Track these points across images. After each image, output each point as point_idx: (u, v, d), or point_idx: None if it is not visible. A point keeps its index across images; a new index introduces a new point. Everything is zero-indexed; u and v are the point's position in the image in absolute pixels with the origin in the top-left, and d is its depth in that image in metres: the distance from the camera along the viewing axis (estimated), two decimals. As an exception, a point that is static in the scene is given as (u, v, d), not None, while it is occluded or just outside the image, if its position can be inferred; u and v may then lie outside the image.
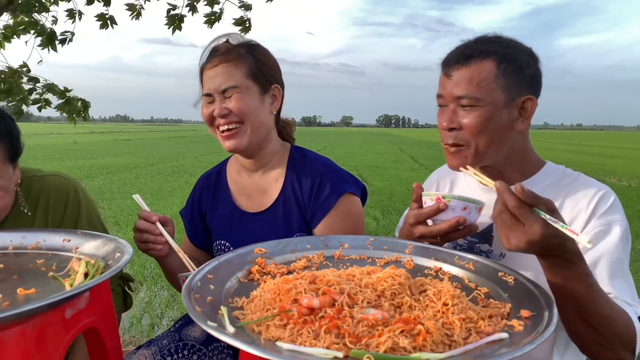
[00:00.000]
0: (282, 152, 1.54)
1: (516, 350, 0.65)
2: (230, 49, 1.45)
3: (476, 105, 1.17)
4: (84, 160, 16.49)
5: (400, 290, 0.79)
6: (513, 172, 1.29)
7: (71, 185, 1.45)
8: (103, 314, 0.97)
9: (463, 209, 1.15)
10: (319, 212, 1.43)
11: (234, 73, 1.42)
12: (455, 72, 1.20)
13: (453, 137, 1.22)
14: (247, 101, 1.41)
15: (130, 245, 1.01)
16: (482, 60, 1.19)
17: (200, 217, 1.63)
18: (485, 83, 1.17)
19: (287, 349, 0.65)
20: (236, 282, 0.93)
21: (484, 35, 1.27)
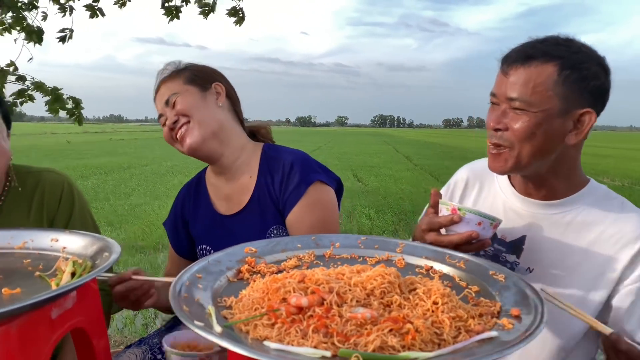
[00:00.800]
0: (254, 151, 1.56)
1: (505, 349, 0.65)
2: (167, 71, 1.54)
3: (527, 110, 1.11)
4: (78, 160, 16.41)
5: (389, 288, 0.79)
6: (559, 186, 1.24)
7: (65, 181, 1.48)
8: (91, 314, 0.96)
9: (477, 224, 1.12)
10: (289, 202, 1.44)
11: (173, 85, 1.50)
12: (512, 71, 1.13)
13: (497, 137, 1.16)
14: (188, 100, 1.46)
15: (119, 245, 1.00)
16: (544, 63, 1.11)
17: (184, 225, 1.66)
18: (542, 88, 1.10)
19: (274, 348, 0.65)
20: (225, 282, 0.93)
21: (553, 37, 1.19)
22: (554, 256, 1.23)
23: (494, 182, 1.37)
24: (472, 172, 1.43)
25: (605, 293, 1.19)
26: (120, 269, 4.88)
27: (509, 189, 1.32)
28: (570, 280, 1.22)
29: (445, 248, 1.10)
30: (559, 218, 1.24)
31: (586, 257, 1.20)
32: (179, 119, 1.46)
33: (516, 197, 1.30)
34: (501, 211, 1.31)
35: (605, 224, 1.20)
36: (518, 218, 1.28)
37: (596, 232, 1.20)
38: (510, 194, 1.31)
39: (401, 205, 8.51)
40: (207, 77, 1.54)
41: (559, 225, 1.24)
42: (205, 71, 1.56)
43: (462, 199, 1.41)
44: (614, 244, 1.18)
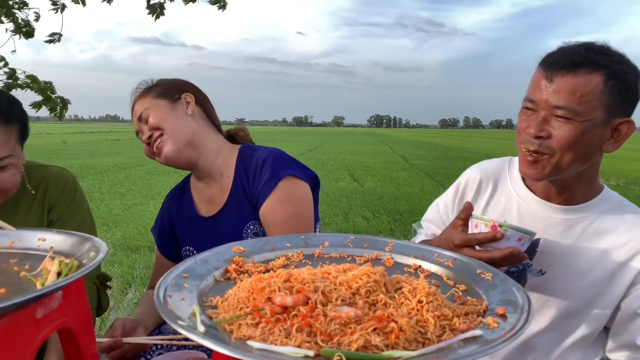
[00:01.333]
0: (230, 153, 1.58)
1: (489, 347, 0.65)
2: (139, 90, 1.59)
3: (572, 119, 1.10)
4: (73, 160, 16.34)
5: (375, 287, 0.78)
6: (579, 192, 1.25)
7: (70, 176, 1.54)
8: (77, 314, 0.95)
9: (518, 240, 1.12)
10: (261, 196, 1.45)
11: (144, 101, 1.54)
12: (558, 79, 1.11)
13: (538, 144, 1.14)
14: (158, 113, 1.50)
15: (106, 244, 0.99)
16: (591, 73, 1.10)
17: (170, 229, 1.69)
18: (589, 98, 1.09)
19: (257, 347, 0.64)
20: (212, 282, 0.92)
21: (591, 43, 1.17)
22: (566, 260, 1.25)
23: (507, 184, 1.36)
24: (484, 173, 1.41)
25: (617, 297, 1.22)
26: (116, 270, 4.87)
27: (525, 192, 1.32)
28: (581, 284, 1.24)
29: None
30: (574, 223, 1.25)
31: (599, 262, 1.22)
32: (152, 133, 1.50)
33: (534, 200, 1.30)
34: (515, 213, 1.32)
35: (619, 231, 1.21)
36: (533, 220, 1.28)
37: (610, 239, 1.22)
38: (526, 197, 1.31)
39: (397, 205, 8.51)
40: (175, 88, 1.57)
41: (573, 230, 1.25)
42: (173, 84, 1.59)
43: (475, 200, 1.40)
44: (627, 251, 1.20)
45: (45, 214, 1.46)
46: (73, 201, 1.50)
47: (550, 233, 1.26)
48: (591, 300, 1.23)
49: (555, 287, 1.26)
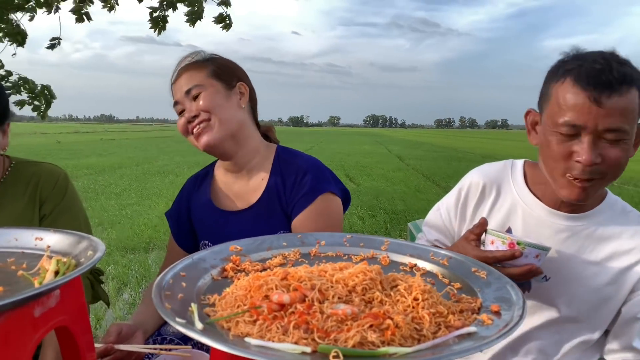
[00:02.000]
0: (267, 152, 1.55)
1: (483, 343, 0.66)
2: (190, 62, 1.51)
3: (623, 139, 1.08)
4: (68, 160, 16.28)
5: (371, 285, 0.79)
6: (590, 200, 1.25)
7: (62, 173, 1.54)
8: (75, 313, 0.96)
9: (535, 257, 1.11)
10: (297, 207, 1.43)
11: (196, 75, 1.47)
12: (607, 100, 1.05)
13: (592, 172, 1.10)
14: (212, 97, 1.44)
15: (103, 243, 0.99)
16: (630, 89, 1.07)
17: (188, 217, 1.64)
18: (633, 115, 1.08)
19: (255, 344, 0.65)
20: (209, 280, 0.93)
21: (605, 53, 1.14)
22: (571, 266, 1.26)
23: (510, 189, 1.35)
24: (488, 179, 1.39)
25: (619, 303, 1.24)
26: (111, 270, 4.85)
27: (530, 197, 1.31)
28: (585, 290, 1.25)
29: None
30: (580, 230, 1.26)
31: (603, 268, 1.24)
32: (199, 114, 1.43)
33: (539, 206, 1.29)
34: (520, 219, 1.32)
35: (622, 238, 1.23)
36: (538, 227, 1.29)
37: (614, 245, 1.23)
38: (531, 203, 1.31)
39: (393, 205, 8.54)
40: (233, 73, 1.52)
41: (578, 237, 1.26)
42: (230, 67, 1.53)
43: (478, 206, 1.40)
44: (630, 258, 1.21)
45: (37, 209, 1.46)
46: (65, 197, 1.50)
47: (555, 240, 1.27)
48: (594, 306, 1.25)
49: (558, 293, 1.27)
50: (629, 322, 1.22)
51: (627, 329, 1.22)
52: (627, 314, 1.22)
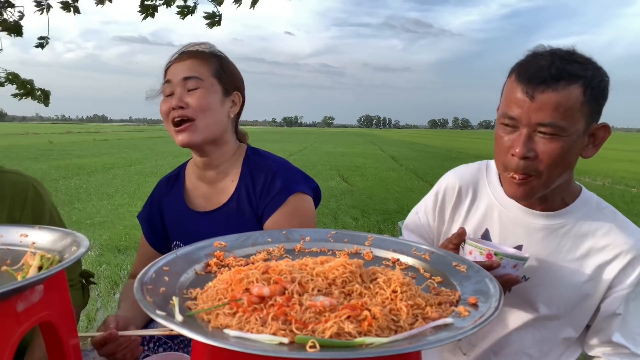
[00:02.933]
0: (238, 153, 1.56)
1: (458, 334, 0.67)
2: (199, 51, 1.49)
3: (559, 135, 1.08)
4: (60, 160, 16.18)
5: (351, 278, 0.80)
6: (558, 197, 1.26)
7: (30, 184, 1.41)
8: (59, 308, 0.96)
9: (513, 267, 1.13)
10: (268, 209, 1.45)
11: (200, 68, 1.45)
12: (539, 95, 1.07)
13: (524, 167, 1.12)
14: (207, 97, 1.42)
15: (87, 239, 1.00)
16: (570, 85, 1.07)
17: (160, 218, 1.64)
18: (572, 111, 1.07)
19: (234, 335, 0.66)
20: (193, 275, 0.94)
21: (562, 51, 1.14)
22: (549, 265, 1.27)
23: (486, 191, 1.36)
24: (464, 181, 1.40)
25: (597, 299, 1.25)
26: (104, 270, 4.83)
27: (505, 197, 1.31)
28: (564, 288, 1.26)
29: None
30: (556, 229, 1.26)
31: (580, 266, 1.24)
32: (187, 109, 1.40)
33: (515, 206, 1.30)
34: (496, 220, 1.32)
35: (599, 235, 1.23)
36: (515, 227, 1.30)
37: (590, 243, 1.24)
38: (507, 204, 1.31)
39: (386, 205, 8.56)
40: (233, 81, 1.51)
41: (555, 235, 1.26)
42: (233, 73, 1.53)
43: (456, 208, 1.41)
44: (607, 254, 1.22)
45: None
46: (43, 208, 1.40)
47: (532, 239, 1.28)
48: (573, 303, 1.26)
49: (538, 292, 1.28)
50: (608, 318, 1.23)
51: (607, 324, 1.24)
52: (606, 310, 1.23)
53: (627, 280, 1.20)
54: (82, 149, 23.51)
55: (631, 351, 1.22)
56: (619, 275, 1.21)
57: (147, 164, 15.75)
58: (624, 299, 1.21)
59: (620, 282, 1.21)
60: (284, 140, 40.06)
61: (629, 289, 1.20)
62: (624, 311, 1.21)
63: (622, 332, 1.22)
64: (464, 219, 1.38)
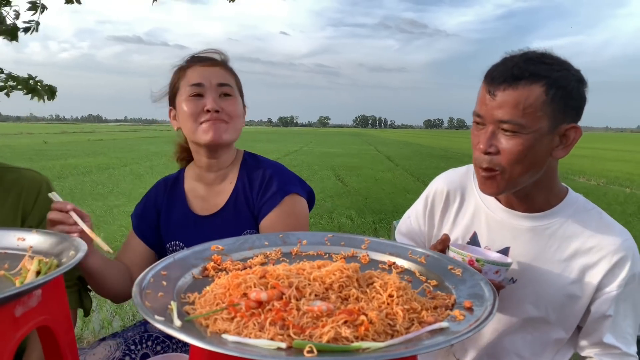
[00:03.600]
0: (237, 157, 1.62)
1: (453, 338, 0.68)
2: (224, 60, 1.57)
3: (519, 132, 1.11)
4: (55, 160, 16.11)
5: (347, 282, 0.81)
6: (540, 198, 1.27)
7: (44, 181, 1.49)
8: (56, 312, 0.97)
9: (495, 272, 1.14)
10: (265, 209, 1.49)
11: (230, 77, 1.54)
12: (500, 93, 1.12)
13: (488, 161, 1.16)
14: (238, 106, 1.52)
15: (85, 244, 1.00)
16: (531, 84, 1.10)
17: (156, 213, 1.65)
18: (532, 110, 1.10)
19: (232, 341, 0.67)
20: (190, 279, 0.94)
21: (532, 53, 1.18)
22: (536, 267, 1.28)
23: (473, 194, 1.38)
24: (452, 185, 1.43)
25: (586, 300, 1.25)
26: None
27: (492, 201, 1.34)
28: (552, 289, 1.27)
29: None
30: (542, 230, 1.28)
31: (567, 267, 1.25)
32: (221, 113, 1.46)
33: (500, 209, 1.32)
34: (483, 223, 1.34)
35: (585, 236, 1.24)
36: (502, 230, 1.31)
37: (577, 244, 1.25)
38: (493, 206, 1.33)
39: (382, 205, 8.57)
40: (242, 94, 1.61)
41: (541, 237, 1.27)
42: (241, 86, 1.62)
43: (444, 212, 1.43)
44: (594, 255, 1.23)
45: (19, 220, 1.41)
46: (49, 208, 1.37)
47: (519, 241, 1.29)
48: (562, 305, 1.27)
49: (526, 294, 1.29)
50: (599, 319, 1.24)
51: (598, 326, 1.25)
52: (596, 312, 1.24)
53: (615, 281, 1.21)
54: (76, 149, 23.41)
55: (622, 351, 1.23)
56: (607, 276, 1.22)
57: (142, 164, 15.70)
58: (613, 300, 1.22)
59: (609, 283, 1.22)
60: (280, 140, 40.06)
61: (618, 290, 1.21)
62: (614, 312, 1.22)
63: (613, 332, 1.24)
64: (453, 222, 1.41)
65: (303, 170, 13.88)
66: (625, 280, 1.21)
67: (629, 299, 1.23)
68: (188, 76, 1.50)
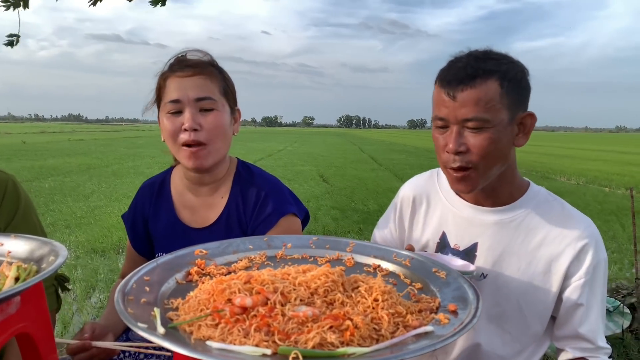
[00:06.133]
0: (231, 168, 1.54)
1: (438, 342, 0.68)
2: (203, 63, 1.42)
3: (484, 127, 1.16)
4: (33, 161, 15.81)
5: (333, 287, 0.81)
6: (504, 191, 1.31)
7: (10, 180, 1.41)
8: (36, 319, 0.95)
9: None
10: (259, 230, 1.45)
11: (210, 86, 1.40)
12: (459, 94, 1.17)
13: (460, 160, 1.20)
14: (222, 120, 1.41)
15: (65, 248, 0.98)
16: (486, 80, 1.16)
17: (143, 223, 1.61)
18: (492, 104, 1.16)
19: (216, 347, 0.66)
20: (174, 284, 0.93)
21: (475, 52, 1.25)
22: (504, 260, 1.31)
23: (439, 196, 1.43)
24: (417, 190, 1.48)
25: (555, 289, 1.28)
26: (79, 273, 4.73)
27: (457, 199, 1.38)
28: (521, 281, 1.30)
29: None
30: (507, 223, 1.31)
31: (534, 258, 1.29)
32: (200, 132, 1.36)
33: (466, 206, 1.36)
34: (451, 223, 1.38)
35: (549, 226, 1.28)
36: (469, 226, 1.35)
37: (541, 234, 1.28)
38: (459, 204, 1.37)
39: (366, 206, 8.60)
40: (234, 95, 1.48)
41: (507, 229, 1.31)
42: (233, 86, 1.49)
43: (413, 217, 1.47)
44: (559, 243, 1.26)
45: None
46: (18, 209, 1.38)
47: (486, 236, 1.32)
48: (532, 296, 1.30)
49: (497, 288, 1.32)
50: (571, 309, 1.27)
51: (571, 315, 1.28)
52: (568, 301, 1.27)
53: (581, 268, 1.25)
54: (56, 149, 23.00)
55: (595, 345, 1.27)
56: (573, 264, 1.25)
57: (125, 164, 15.51)
58: (583, 288, 1.25)
59: (576, 271, 1.25)
60: (264, 140, 39.92)
61: (586, 277, 1.25)
62: (585, 301, 1.25)
63: (586, 323, 1.27)
64: (423, 225, 1.44)
65: (287, 171, 13.86)
66: (592, 267, 1.24)
67: (597, 288, 1.26)
68: (167, 88, 1.41)
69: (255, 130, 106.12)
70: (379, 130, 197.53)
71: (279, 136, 56.25)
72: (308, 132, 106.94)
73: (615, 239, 6.38)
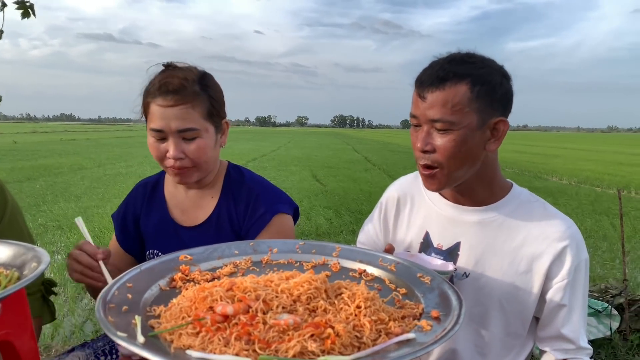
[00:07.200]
0: (220, 170, 1.56)
1: (419, 349, 0.68)
2: (185, 87, 1.37)
3: (450, 129, 1.18)
4: (25, 161, 15.69)
5: (315, 294, 0.81)
6: (484, 191, 1.32)
7: None
8: (18, 327, 0.94)
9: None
10: (253, 230, 1.46)
11: (192, 115, 1.37)
12: (429, 95, 1.19)
13: (427, 158, 1.23)
14: (206, 147, 1.40)
15: (48, 254, 0.97)
16: (456, 84, 1.18)
17: (134, 221, 1.61)
18: (460, 107, 1.17)
19: (196, 357, 0.66)
20: (157, 290, 0.93)
21: (456, 54, 1.26)
22: (486, 259, 1.32)
23: (423, 196, 1.44)
24: (402, 190, 1.50)
25: (537, 289, 1.29)
26: (66, 274, 4.68)
27: (439, 199, 1.40)
28: (503, 280, 1.30)
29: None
30: (489, 222, 1.32)
31: (516, 257, 1.29)
32: (184, 159, 1.38)
33: (448, 205, 1.37)
34: (435, 222, 1.39)
35: (530, 226, 1.29)
36: (451, 226, 1.36)
37: (523, 233, 1.30)
38: (441, 204, 1.39)
39: (359, 206, 8.60)
40: (221, 109, 1.46)
41: (489, 229, 1.32)
42: (220, 99, 1.47)
43: (397, 217, 1.48)
44: (540, 243, 1.27)
45: None
46: (4, 214, 1.35)
47: (468, 235, 1.34)
48: (514, 296, 1.31)
49: (479, 287, 1.32)
50: (554, 309, 1.28)
51: (554, 316, 1.29)
52: (551, 302, 1.28)
53: (563, 269, 1.26)
54: (48, 149, 22.84)
55: (577, 345, 1.27)
56: (554, 264, 1.26)
57: (117, 164, 15.42)
58: (565, 289, 1.26)
59: (558, 272, 1.26)
60: (258, 140, 39.86)
61: (568, 278, 1.25)
62: (568, 302, 1.26)
63: (569, 324, 1.28)
64: (407, 225, 1.46)
65: (281, 171, 13.84)
66: (574, 268, 1.25)
67: (579, 288, 1.27)
68: (151, 115, 1.39)
69: (248, 130, 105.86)
70: (372, 130, 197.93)
71: (272, 136, 56.19)
72: (302, 132, 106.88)
73: (607, 239, 6.43)
